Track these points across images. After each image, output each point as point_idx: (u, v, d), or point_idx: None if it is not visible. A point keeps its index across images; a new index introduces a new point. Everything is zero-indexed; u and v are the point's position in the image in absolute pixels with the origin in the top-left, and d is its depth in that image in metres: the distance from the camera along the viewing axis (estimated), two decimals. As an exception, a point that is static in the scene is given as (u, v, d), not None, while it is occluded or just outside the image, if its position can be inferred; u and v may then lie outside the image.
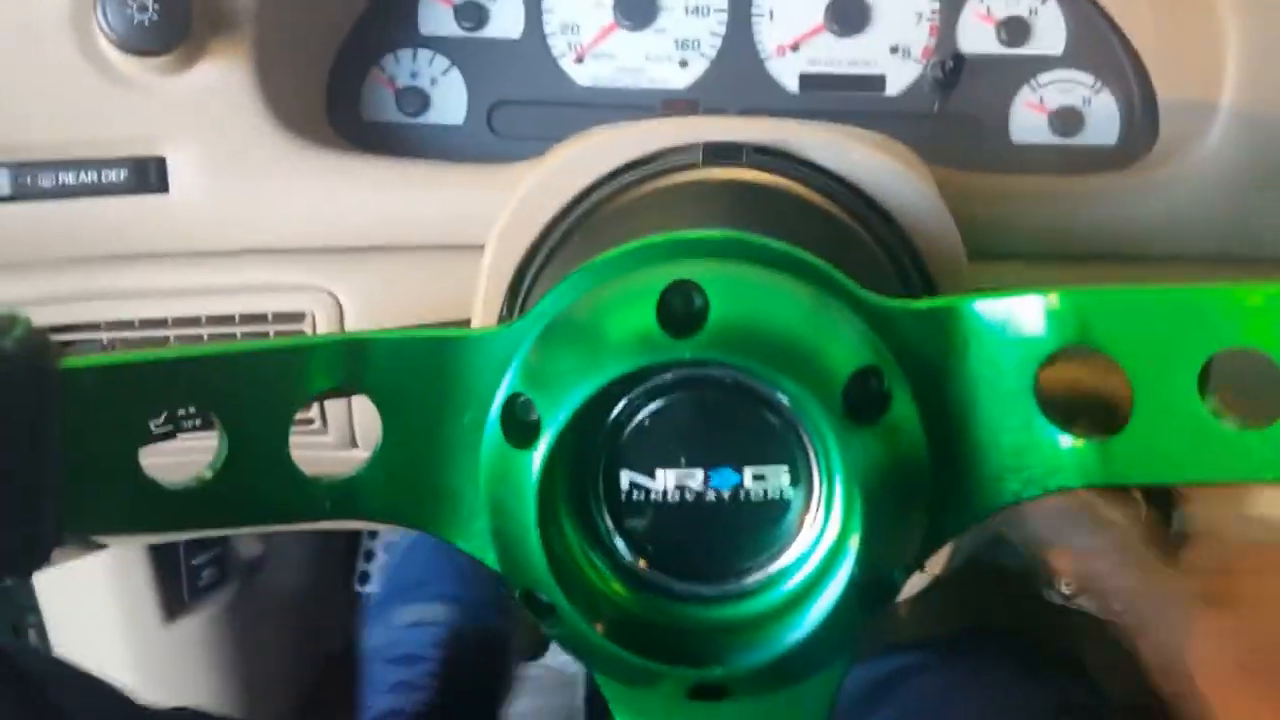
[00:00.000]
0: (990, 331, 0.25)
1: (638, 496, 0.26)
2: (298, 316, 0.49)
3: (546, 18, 0.56)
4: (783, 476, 0.26)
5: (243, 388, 0.25)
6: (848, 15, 0.56)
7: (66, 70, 0.46)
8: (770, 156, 0.38)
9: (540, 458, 0.24)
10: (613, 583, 0.26)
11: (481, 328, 0.26)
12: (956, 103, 0.56)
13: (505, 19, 0.56)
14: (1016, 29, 0.55)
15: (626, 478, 0.26)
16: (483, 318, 0.39)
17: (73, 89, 0.47)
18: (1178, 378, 0.23)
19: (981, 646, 0.53)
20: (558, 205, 0.39)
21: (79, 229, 0.48)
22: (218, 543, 0.81)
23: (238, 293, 0.49)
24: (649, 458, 0.26)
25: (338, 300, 0.49)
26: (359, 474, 0.26)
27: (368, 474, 0.26)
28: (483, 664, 0.90)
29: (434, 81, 0.56)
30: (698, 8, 0.56)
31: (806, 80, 0.56)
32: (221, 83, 0.47)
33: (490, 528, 0.26)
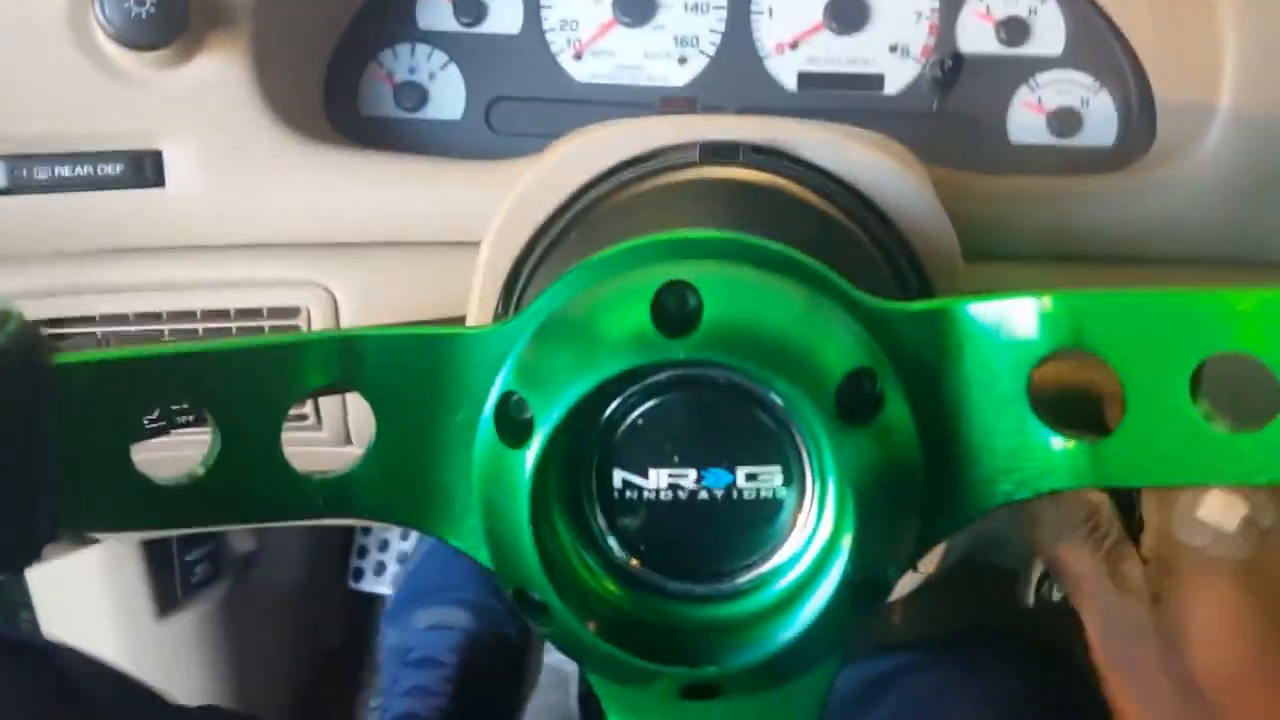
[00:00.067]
0: (983, 334, 0.25)
1: (630, 495, 0.26)
2: (293, 312, 0.49)
3: (545, 14, 0.56)
4: (776, 476, 0.26)
5: (236, 384, 0.25)
6: (847, 13, 0.56)
7: (64, 64, 0.46)
8: (767, 155, 0.38)
9: (533, 456, 0.24)
10: (605, 581, 0.26)
11: (475, 326, 0.26)
12: (955, 102, 0.56)
13: (504, 14, 0.56)
14: (1016, 29, 0.55)
15: (619, 476, 0.26)
16: (478, 315, 0.39)
17: (70, 83, 0.47)
18: (1170, 381, 0.23)
19: (975, 646, 0.54)
20: (554, 203, 0.39)
21: (75, 222, 0.48)
22: (211, 538, 0.81)
23: (233, 287, 0.49)
24: (642, 457, 0.26)
25: (333, 296, 0.49)
26: (352, 471, 0.26)
27: (361, 471, 0.26)
28: (499, 671, 0.90)
29: (432, 77, 0.56)
30: (697, 5, 0.56)
31: (805, 78, 0.56)
32: (219, 77, 0.47)
33: (483, 526, 0.26)
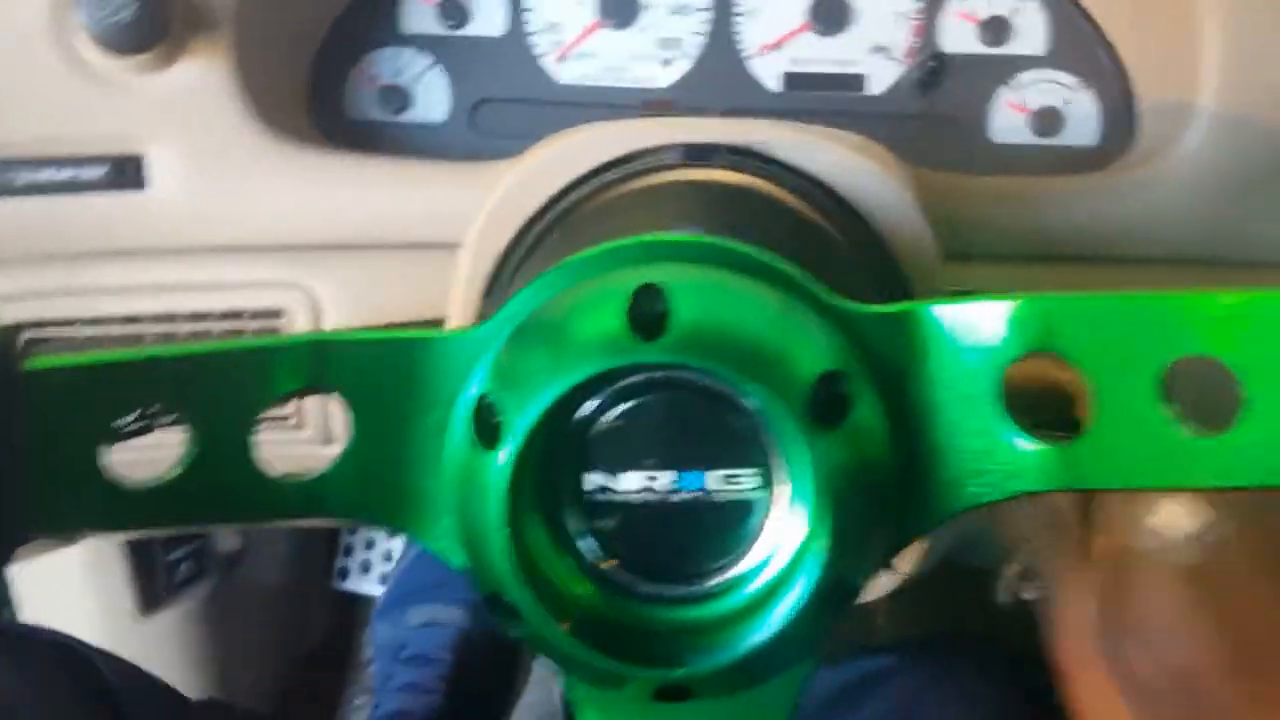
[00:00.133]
0: (951, 336, 0.25)
1: (605, 498, 0.27)
2: (276, 314, 0.49)
3: (529, 16, 0.56)
4: (749, 479, 0.26)
5: (208, 388, 0.25)
6: (830, 15, 0.56)
7: (46, 69, 0.46)
8: (746, 158, 0.38)
9: (507, 459, 0.24)
10: (579, 584, 0.27)
11: (449, 329, 0.26)
12: (938, 102, 0.56)
13: (487, 17, 0.56)
14: (998, 29, 0.55)
15: (594, 479, 0.27)
16: (460, 318, 0.40)
17: (52, 87, 0.46)
18: (1138, 384, 0.23)
19: (954, 648, 0.54)
20: (534, 206, 0.39)
21: (57, 225, 0.48)
22: (195, 537, 0.81)
23: (216, 290, 0.49)
24: (617, 459, 0.26)
25: (317, 298, 0.49)
26: (326, 473, 0.26)
27: (335, 473, 0.26)
28: (492, 668, 0.90)
29: (416, 79, 0.56)
30: (680, 7, 0.56)
31: (789, 79, 0.56)
32: (201, 81, 0.47)
33: (457, 528, 0.26)
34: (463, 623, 0.88)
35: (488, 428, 0.25)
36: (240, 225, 0.49)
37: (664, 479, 0.26)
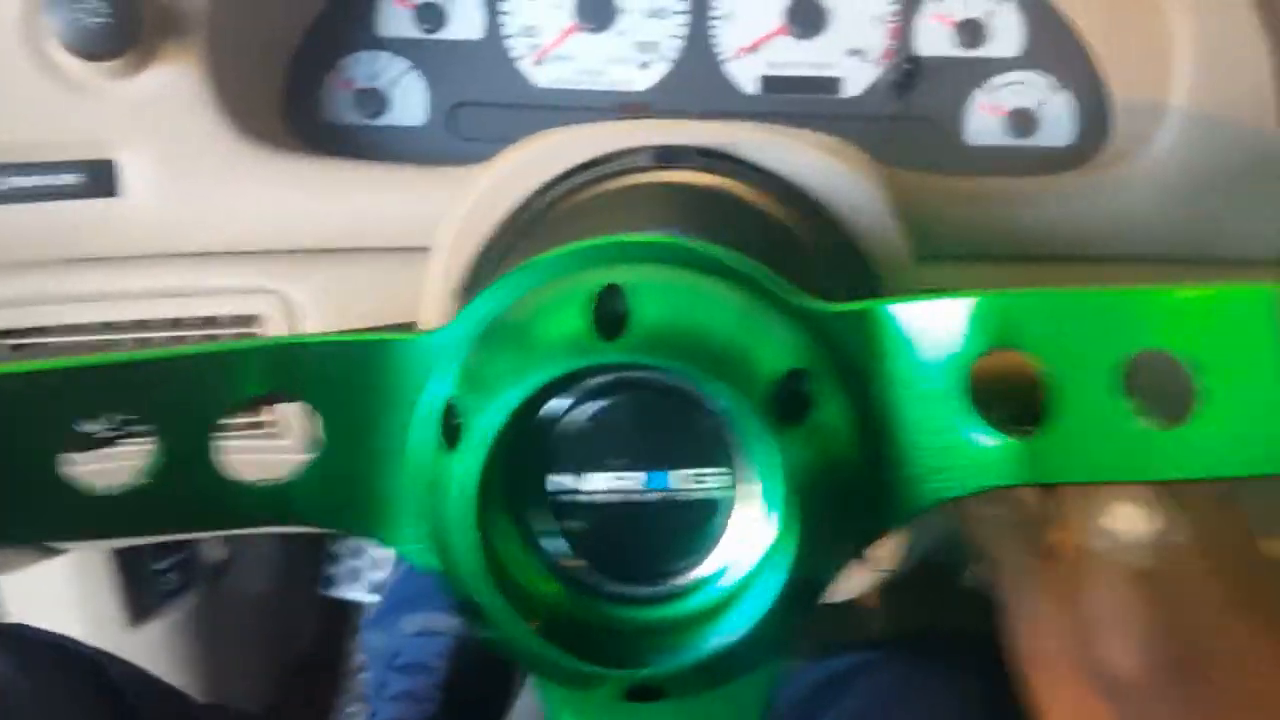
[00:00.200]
0: (912, 334, 0.25)
1: (573, 498, 0.26)
2: (252, 320, 0.49)
3: (506, 19, 0.56)
4: (716, 478, 0.26)
5: (170, 394, 0.25)
6: (807, 17, 0.56)
7: (16, 74, 0.46)
8: (718, 159, 0.38)
9: (473, 461, 0.24)
10: (547, 585, 0.27)
11: (413, 331, 0.26)
12: (914, 104, 0.56)
13: (465, 20, 0.56)
14: (973, 31, 0.55)
15: (562, 480, 0.27)
16: (432, 321, 0.39)
17: (23, 93, 0.46)
18: (1096, 378, 0.23)
19: (933, 646, 0.54)
20: (506, 209, 0.39)
21: (30, 233, 0.48)
22: (182, 547, 0.80)
23: (191, 296, 0.49)
24: (585, 459, 0.26)
25: (292, 303, 0.49)
26: (293, 479, 0.26)
27: (302, 479, 0.26)
28: (487, 677, 0.90)
29: (393, 83, 0.56)
30: (657, 10, 0.56)
31: (766, 82, 0.57)
32: (174, 87, 0.47)
33: (425, 531, 0.26)
34: (457, 630, 0.88)
35: (453, 430, 0.25)
36: (215, 231, 0.48)
37: (631, 479, 0.26)
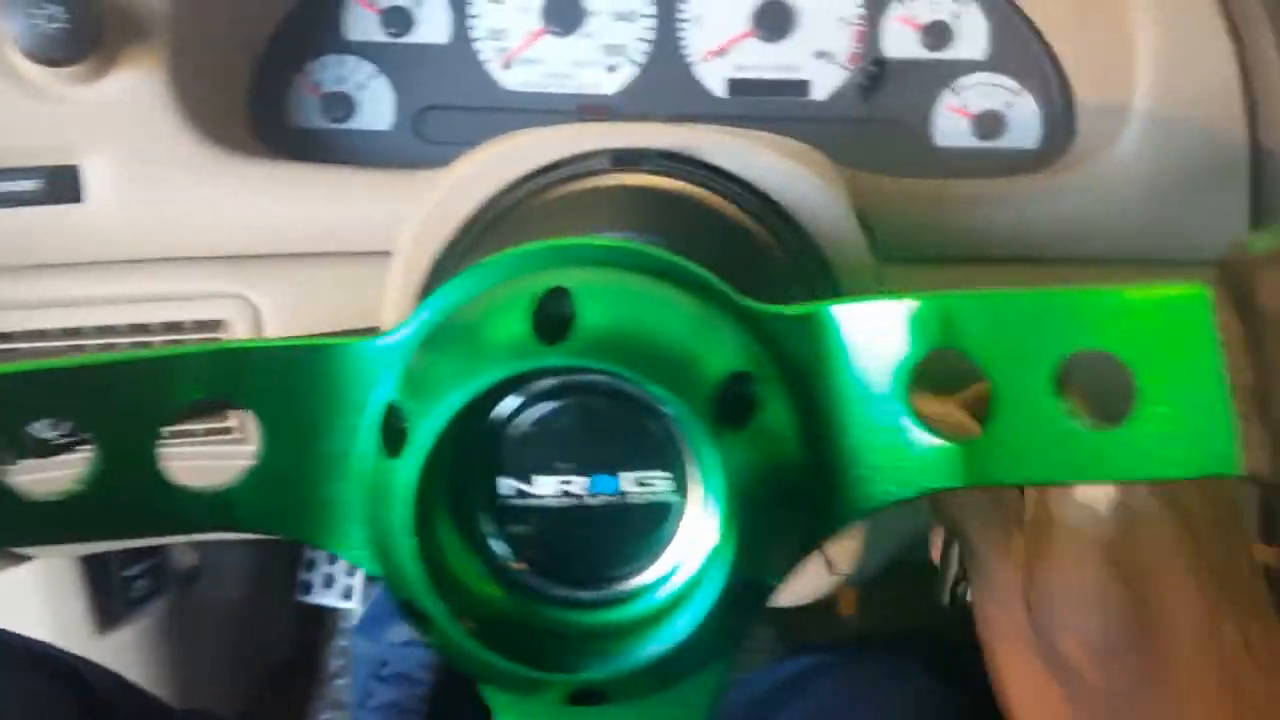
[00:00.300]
0: (855, 336, 0.25)
1: (519, 502, 0.26)
2: (216, 325, 0.49)
3: (473, 23, 0.56)
4: (663, 482, 0.26)
5: (109, 400, 0.25)
6: (774, 20, 0.56)
7: None
8: (678, 162, 0.38)
9: (413, 466, 0.24)
10: (491, 589, 0.26)
11: (357, 335, 0.26)
12: (881, 107, 0.56)
13: (432, 24, 0.56)
14: (939, 34, 0.56)
15: (508, 483, 0.26)
16: (393, 325, 0.39)
17: None
18: (1035, 379, 0.23)
19: (898, 647, 0.54)
20: (464, 213, 0.39)
21: (-8, 239, 0.48)
22: (152, 553, 0.80)
23: (156, 302, 0.49)
24: (531, 463, 0.26)
25: (257, 308, 0.48)
26: (235, 485, 0.26)
27: (244, 484, 0.26)
28: (474, 689, 0.89)
29: (360, 87, 0.56)
30: (625, 13, 0.56)
31: (734, 85, 0.57)
32: (135, 92, 0.47)
33: (368, 536, 0.26)
34: None
35: (395, 434, 0.25)
36: (179, 236, 0.48)
37: (579, 483, 0.26)
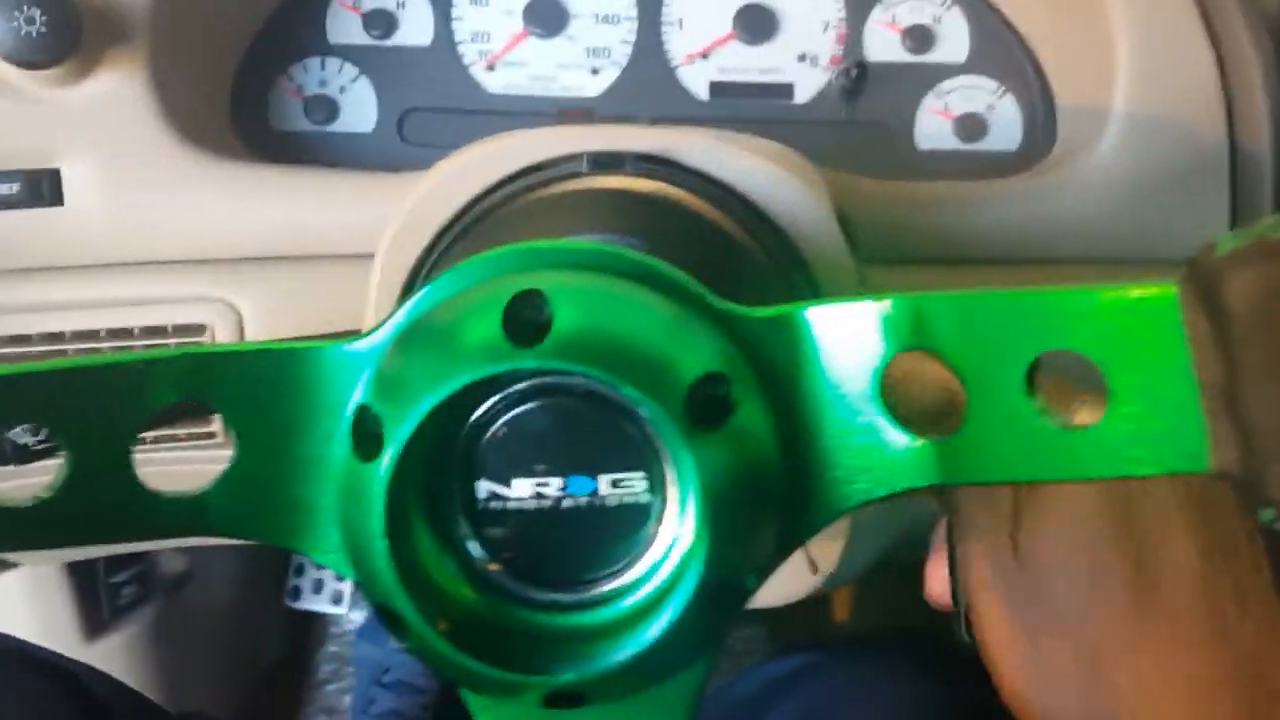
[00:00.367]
0: (828, 337, 0.25)
1: (495, 505, 0.26)
2: (198, 329, 0.48)
3: (456, 25, 0.56)
4: (639, 483, 0.26)
5: (81, 404, 0.24)
6: (756, 23, 0.56)
7: None
8: (657, 165, 0.38)
9: (385, 470, 0.24)
10: (466, 591, 0.26)
11: (333, 339, 0.26)
12: (864, 110, 0.56)
13: (414, 27, 0.56)
14: (921, 37, 0.56)
15: (484, 486, 0.26)
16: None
17: None
18: (1007, 379, 0.23)
19: (889, 646, 0.54)
20: (445, 216, 0.39)
21: (-28, 243, 0.47)
22: (139, 559, 0.80)
23: (137, 306, 0.49)
24: (507, 465, 0.26)
25: (239, 312, 0.48)
26: (208, 489, 0.26)
27: (218, 489, 0.26)
28: None
29: (343, 90, 0.56)
30: (608, 16, 0.57)
31: (716, 88, 0.57)
32: (115, 95, 0.47)
33: (343, 540, 0.26)
34: None
35: (369, 438, 0.25)
36: (161, 240, 0.48)
37: (555, 485, 0.26)
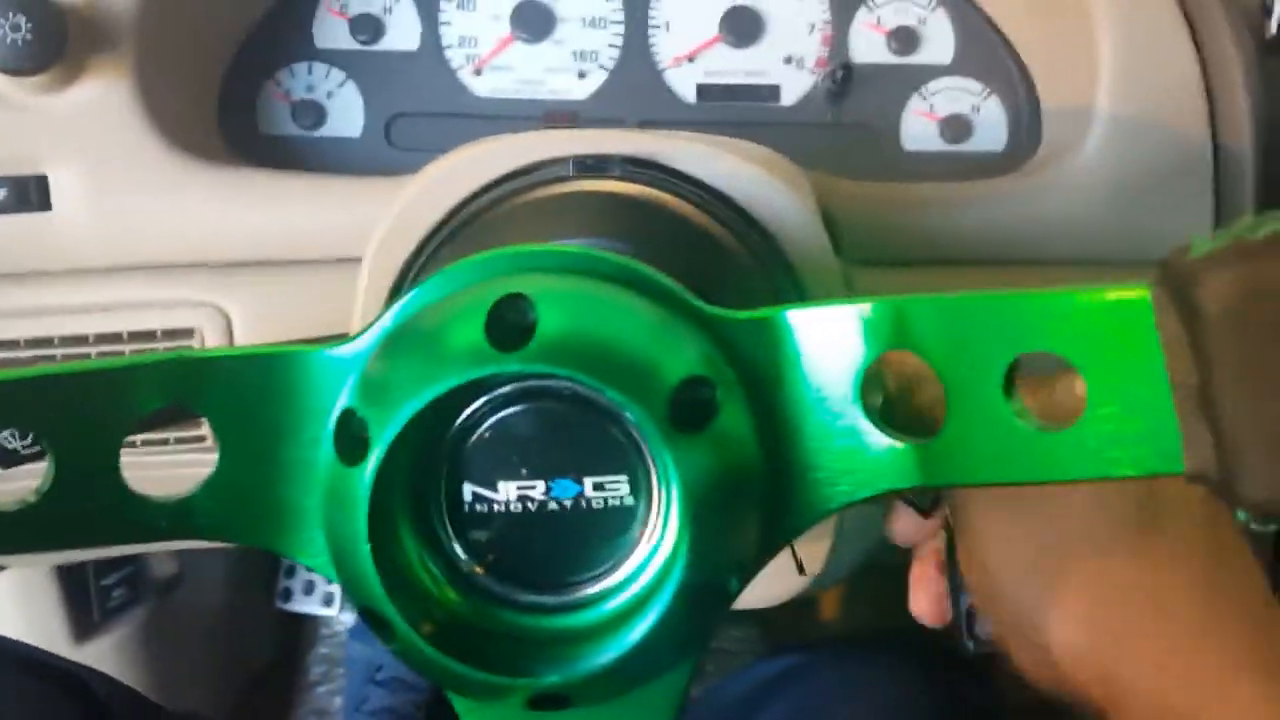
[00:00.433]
0: (810, 339, 0.25)
1: (481, 508, 0.27)
2: (187, 333, 0.49)
3: (444, 30, 0.56)
4: (623, 486, 0.26)
5: (67, 409, 0.25)
6: (742, 27, 0.57)
7: None
8: (642, 168, 0.39)
9: (369, 474, 0.24)
10: (451, 594, 0.27)
11: (317, 343, 0.26)
12: (850, 112, 0.57)
13: (402, 31, 0.56)
14: (906, 38, 0.56)
15: (469, 489, 0.27)
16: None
17: None
18: (986, 380, 0.24)
19: (878, 645, 0.54)
20: (431, 220, 0.39)
21: (-40, 249, 0.47)
22: (129, 561, 0.80)
23: (126, 310, 0.49)
24: (492, 469, 0.26)
25: (228, 316, 0.48)
26: (195, 493, 0.26)
27: (204, 492, 0.26)
28: None
29: (330, 95, 0.56)
30: (595, 19, 0.57)
31: (703, 90, 0.57)
32: (102, 101, 0.47)
33: (328, 543, 0.26)
34: None
35: (353, 442, 0.25)
36: (149, 245, 0.48)
37: (540, 488, 0.26)
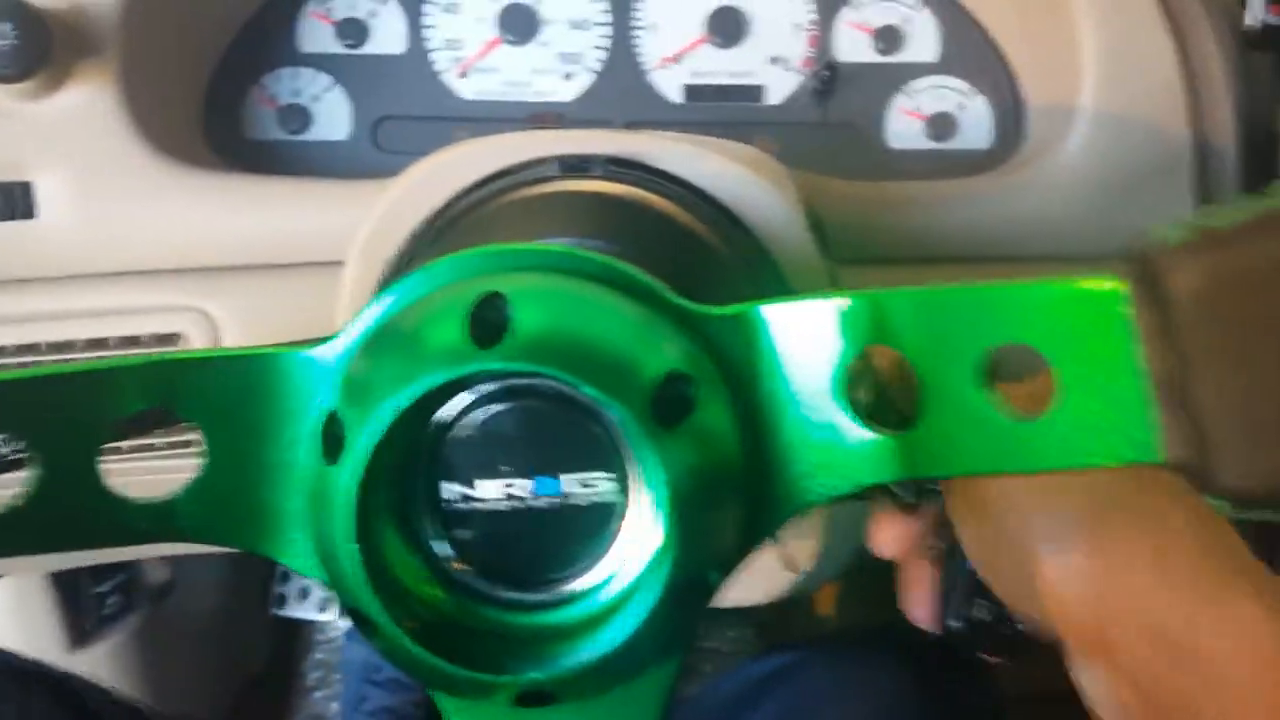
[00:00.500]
0: (787, 335, 0.25)
1: (463, 506, 0.27)
2: (174, 338, 0.49)
3: (429, 33, 0.57)
4: (605, 483, 0.26)
5: (50, 412, 0.25)
6: (727, 27, 0.57)
7: None
8: (627, 169, 0.39)
9: (352, 473, 0.24)
10: (435, 592, 0.27)
11: (297, 344, 0.26)
12: (835, 111, 0.57)
13: (387, 35, 0.56)
14: (891, 37, 0.56)
15: (452, 487, 0.27)
16: None
17: None
18: (960, 373, 0.24)
19: (871, 643, 0.54)
20: (416, 220, 0.39)
21: (-55, 256, 0.47)
22: (122, 569, 0.79)
23: (112, 316, 0.49)
24: (474, 467, 0.27)
25: (214, 321, 0.49)
26: (177, 495, 0.26)
27: (187, 495, 0.26)
28: None
29: (316, 99, 0.56)
30: (580, 21, 0.57)
31: (689, 91, 0.57)
32: (86, 107, 0.47)
33: (312, 543, 0.26)
34: None
35: (335, 442, 0.25)
36: (134, 250, 0.48)
37: (522, 485, 0.26)
